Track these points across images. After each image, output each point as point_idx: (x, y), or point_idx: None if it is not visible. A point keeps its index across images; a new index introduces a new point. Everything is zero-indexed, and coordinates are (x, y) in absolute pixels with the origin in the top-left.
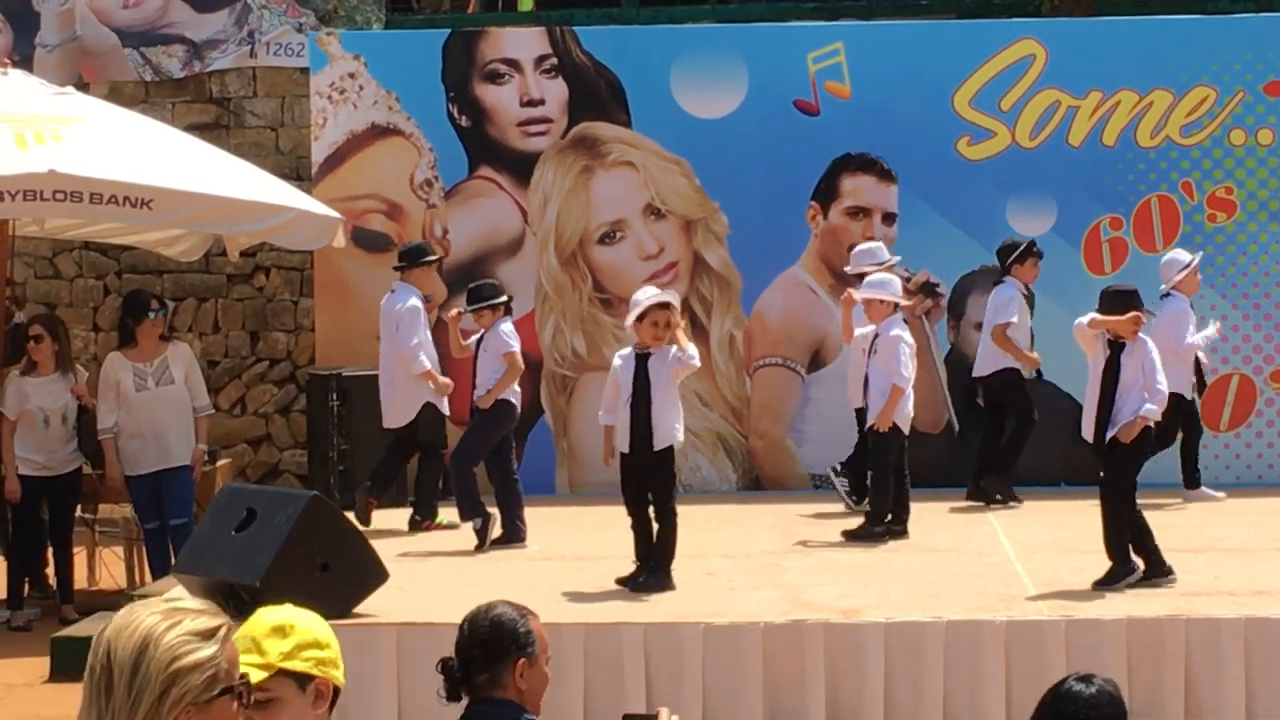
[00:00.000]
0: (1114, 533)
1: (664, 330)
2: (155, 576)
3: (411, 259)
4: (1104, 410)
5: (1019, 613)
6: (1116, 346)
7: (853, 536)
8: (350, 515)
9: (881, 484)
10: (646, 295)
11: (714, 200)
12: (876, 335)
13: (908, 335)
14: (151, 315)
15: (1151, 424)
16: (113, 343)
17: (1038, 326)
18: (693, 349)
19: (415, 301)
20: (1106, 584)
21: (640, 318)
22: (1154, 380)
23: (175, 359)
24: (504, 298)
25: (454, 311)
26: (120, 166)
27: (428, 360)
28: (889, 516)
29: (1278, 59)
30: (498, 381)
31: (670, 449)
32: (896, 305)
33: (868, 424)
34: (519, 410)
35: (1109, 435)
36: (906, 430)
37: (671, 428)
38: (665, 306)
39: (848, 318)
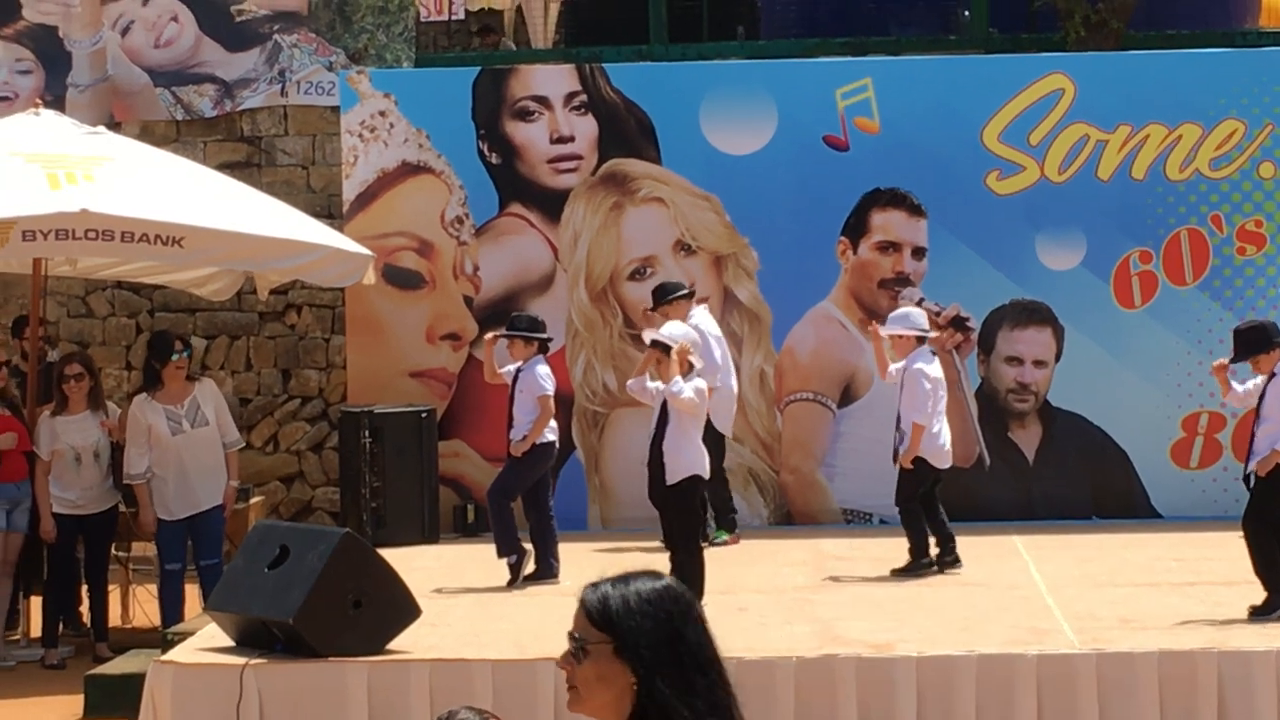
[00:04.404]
0: (1261, 561)
1: (655, 365)
2: (167, 618)
3: (660, 297)
4: (1251, 441)
5: (1050, 646)
6: (1270, 378)
7: (901, 573)
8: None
9: (913, 518)
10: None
11: (744, 236)
12: (904, 370)
13: (930, 369)
14: (176, 356)
15: None
16: None
17: (1067, 359)
18: (677, 384)
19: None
20: (1263, 613)
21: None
22: None
23: (204, 397)
24: (541, 334)
25: (490, 335)
26: (152, 205)
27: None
28: (937, 549)
29: None
30: (532, 427)
31: (686, 484)
32: (922, 339)
33: (896, 461)
34: (557, 447)
35: (1248, 466)
36: (944, 465)
37: (684, 462)
38: (654, 344)
39: (880, 351)
